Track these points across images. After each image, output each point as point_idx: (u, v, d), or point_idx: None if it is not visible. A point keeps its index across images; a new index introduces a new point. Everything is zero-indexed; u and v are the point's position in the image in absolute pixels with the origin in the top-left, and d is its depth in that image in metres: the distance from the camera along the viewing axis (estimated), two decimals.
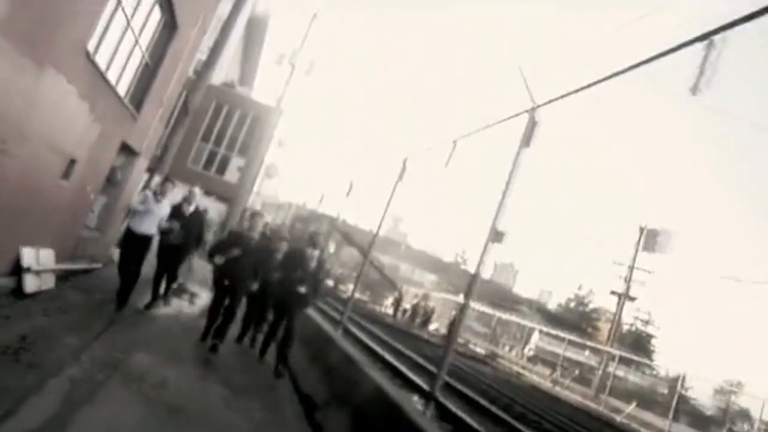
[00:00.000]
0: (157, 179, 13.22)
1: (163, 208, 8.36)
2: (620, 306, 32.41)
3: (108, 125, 8.02)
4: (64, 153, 6.84)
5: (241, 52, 29.45)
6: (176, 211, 8.57)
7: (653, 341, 56.59)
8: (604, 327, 53.40)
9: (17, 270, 6.69)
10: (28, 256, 6.89)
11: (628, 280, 31.63)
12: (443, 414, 8.70)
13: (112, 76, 7.58)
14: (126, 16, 7.33)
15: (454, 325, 29.20)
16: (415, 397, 9.30)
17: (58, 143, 6.53)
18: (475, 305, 48.96)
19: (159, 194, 8.41)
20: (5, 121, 4.93)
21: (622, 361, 30.36)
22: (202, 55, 15.40)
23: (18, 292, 6.69)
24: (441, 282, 61.71)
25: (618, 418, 20.22)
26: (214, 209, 25.42)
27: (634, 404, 22.90)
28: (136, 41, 8.20)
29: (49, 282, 7.59)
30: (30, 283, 6.94)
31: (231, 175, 29.13)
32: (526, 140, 5.50)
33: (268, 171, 34.98)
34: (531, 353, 41.46)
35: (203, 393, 5.73)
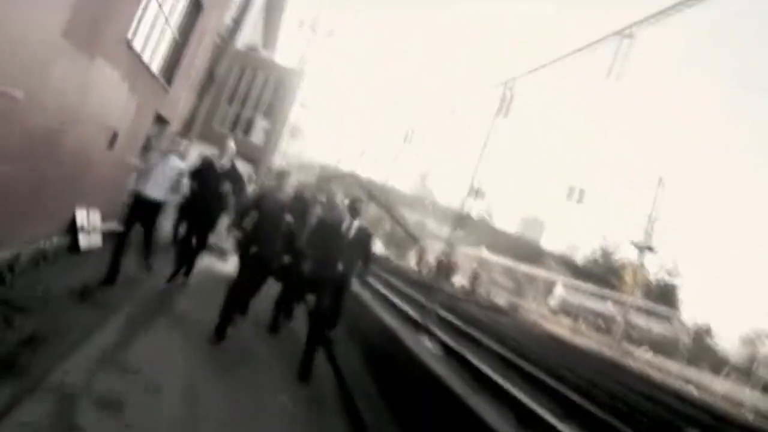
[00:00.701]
0: (185, 143, 13.51)
1: (173, 164, 7.36)
2: (640, 257, 33.12)
3: (144, 99, 8.97)
4: (108, 127, 7.84)
5: (263, 17, 29.95)
6: (208, 167, 7.87)
7: (680, 292, 56.88)
8: (630, 279, 53.97)
9: (72, 229, 7.78)
10: (81, 216, 7.94)
11: (648, 231, 32.20)
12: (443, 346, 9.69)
13: (146, 56, 8.51)
14: (159, 3, 8.25)
15: (441, 264, 29.85)
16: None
17: (104, 120, 7.52)
18: (498, 259, 49.71)
19: (166, 149, 7.57)
20: (65, 109, 5.94)
21: (645, 311, 30.87)
22: (227, 19, 16.23)
23: (74, 248, 7.79)
24: (467, 237, 62.49)
25: (631, 363, 21.01)
26: (241, 169, 26.48)
27: (643, 348, 23.75)
28: (167, 21, 9.10)
29: (97, 240, 8.63)
30: (83, 241, 8.02)
31: (257, 137, 30.00)
32: (504, 110, 5.81)
33: (293, 131, 35.90)
34: (555, 305, 42.30)
35: (236, 331, 6.79)
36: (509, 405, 6.98)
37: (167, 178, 7.23)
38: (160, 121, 10.96)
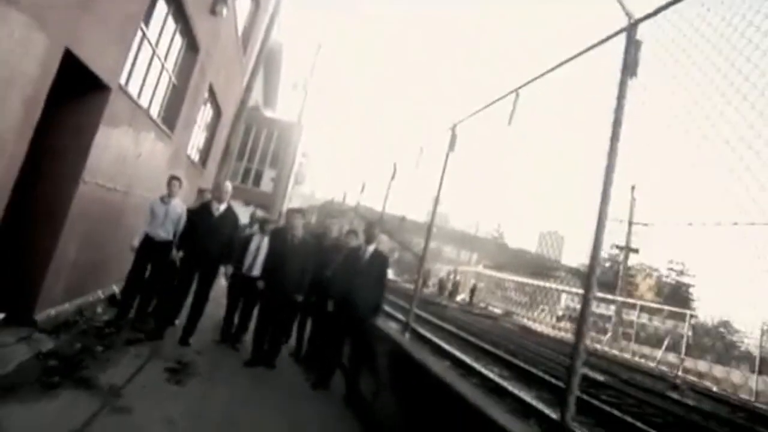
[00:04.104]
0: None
1: (175, 209, 8.40)
2: (625, 258, 37.41)
3: (192, 181, 14.64)
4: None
5: (263, 79, 34.26)
6: (204, 211, 8.07)
7: (694, 290, 59.43)
8: (642, 283, 57.73)
9: None
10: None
11: (627, 234, 36.23)
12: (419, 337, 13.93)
13: (194, 157, 14.22)
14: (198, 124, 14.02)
15: (443, 283, 34.68)
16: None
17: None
18: (512, 276, 54.10)
19: (166, 195, 8.46)
20: None
21: (649, 311, 33.50)
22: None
23: None
24: (481, 259, 66.55)
25: (600, 348, 24.95)
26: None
27: (609, 334, 28.01)
28: (210, 137, 14.83)
29: None
30: None
31: (266, 186, 35.33)
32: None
33: (297, 178, 41.18)
34: (560, 313, 46.40)
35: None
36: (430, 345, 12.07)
37: (172, 221, 8.37)
38: (200, 192, 16.60)
